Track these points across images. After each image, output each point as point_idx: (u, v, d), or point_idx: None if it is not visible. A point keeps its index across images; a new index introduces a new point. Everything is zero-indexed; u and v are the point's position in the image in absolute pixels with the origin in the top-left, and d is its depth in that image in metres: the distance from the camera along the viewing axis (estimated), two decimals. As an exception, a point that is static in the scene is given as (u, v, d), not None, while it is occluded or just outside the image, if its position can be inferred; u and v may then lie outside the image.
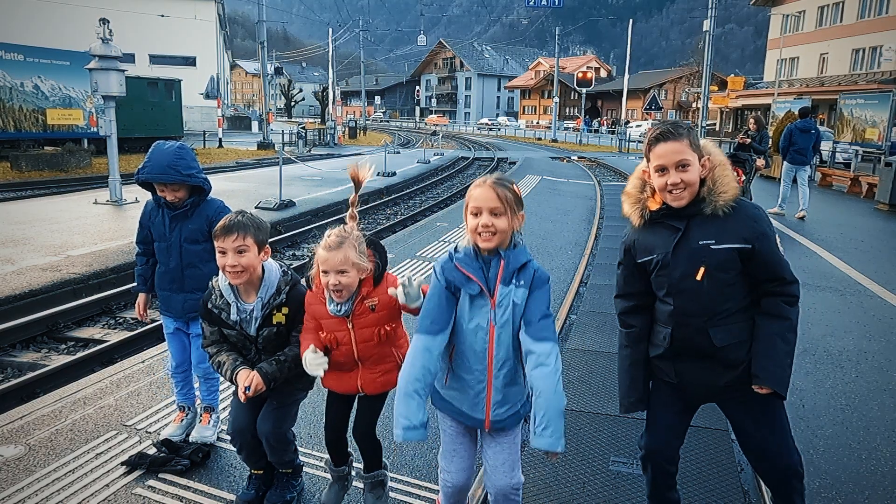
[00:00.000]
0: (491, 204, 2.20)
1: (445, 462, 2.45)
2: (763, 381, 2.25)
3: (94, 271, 7.86)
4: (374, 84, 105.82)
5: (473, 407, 2.31)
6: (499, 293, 2.23)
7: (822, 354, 5.07)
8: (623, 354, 2.53)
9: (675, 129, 2.27)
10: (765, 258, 2.26)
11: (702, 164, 2.28)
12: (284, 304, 2.67)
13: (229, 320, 2.66)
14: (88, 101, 22.78)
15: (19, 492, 2.92)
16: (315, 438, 3.51)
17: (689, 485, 3.14)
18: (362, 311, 2.50)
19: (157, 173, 3.10)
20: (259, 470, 2.91)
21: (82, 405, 3.79)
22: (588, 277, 7.54)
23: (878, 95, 20.07)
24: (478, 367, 2.27)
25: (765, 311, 2.30)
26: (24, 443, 3.35)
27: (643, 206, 2.41)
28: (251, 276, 2.61)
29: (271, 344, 2.69)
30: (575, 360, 4.83)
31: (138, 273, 3.50)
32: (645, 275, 2.43)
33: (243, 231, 2.56)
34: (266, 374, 2.60)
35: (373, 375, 2.60)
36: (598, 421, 3.88)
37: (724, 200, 2.27)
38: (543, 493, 3.11)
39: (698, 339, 2.31)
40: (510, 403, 2.32)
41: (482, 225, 2.20)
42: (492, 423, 2.31)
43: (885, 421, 3.95)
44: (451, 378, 2.34)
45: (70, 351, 6.10)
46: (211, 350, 2.74)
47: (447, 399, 2.37)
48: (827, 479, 3.28)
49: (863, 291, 6.98)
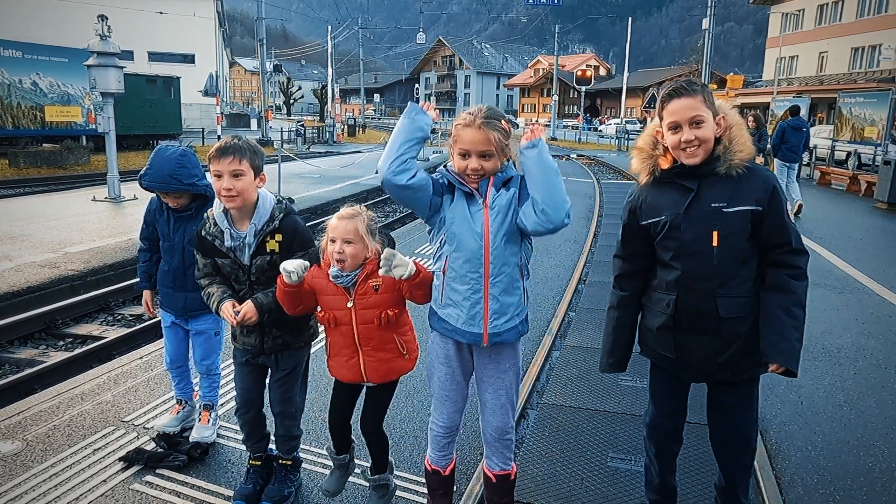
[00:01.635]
0: (481, 147, 2.20)
1: (436, 404, 2.47)
2: (773, 359, 2.22)
3: (93, 268, 7.85)
4: (373, 82, 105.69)
5: (470, 320, 2.28)
6: (491, 195, 2.26)
7: (821, 351, 5.07)
8: (611, 315, 2.52)
9: (688, 86, 2.21)
10: (774, 222, 2.22)
11: (717, 123, 2.22)
12: (278, 231, 2.66)
13: (223, 247, 2.66)
14: (87, 99, 22.74)
15: (16, 487, 2.91)
16: (313, 434, 3.50)
17: (686, 479, 3.14)
18: (365, 291, 2.47)
19: (159, 182, 3.07)
20: (258, 461, 2.91)
21: (80, 401, 3.78)
22: (587, 275, 7.53)
23: (878, 94, 20.06)
24: (473, 276, 2.25)
25: (770, 285, 2.26)
26: (22, 438, 3.34)
27: (654, 164, 2.35)
28: (245, 201, 2.61)
29: (264, 275, 2.67)
30: (574, 357, 4.82)
31: (141, 270, 3.48)
32: (647, 238, 2.38)
33: (239, 154, 2.56)
34: (260, 303, 2.60)
35: (376, 362, 2.54)
36: (597, 417, 3.88)
37: (740, 159, 2.22)
38: (542, 488, 3.10)
39: (704, 307, 2.26)
40: (508, 315, 2.29)
41: (471, 168, 2.23)
42: (490, 335, 2.28)
43: (883, 418, 3.95)
44: (447, 292, 2.31)
45: (68, 348, 6.09)
46: (203, 282, 2.76)
47: (443, 318, 2.35)
48: (825, 475, 3.28)
49: (861, 289, 6.98)
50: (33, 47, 21.52)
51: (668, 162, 2.32)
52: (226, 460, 3.23)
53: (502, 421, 2.39)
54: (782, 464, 3.38)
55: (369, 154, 26.04)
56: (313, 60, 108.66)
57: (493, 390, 2.41)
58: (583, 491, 3.10)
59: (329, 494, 2.84)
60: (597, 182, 18.16)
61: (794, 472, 3.31)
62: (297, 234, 2.70)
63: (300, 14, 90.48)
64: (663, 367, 2.49)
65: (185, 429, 3.44)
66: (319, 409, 3.81)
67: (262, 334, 2.74)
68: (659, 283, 2.39)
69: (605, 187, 16.97)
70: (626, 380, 4.39)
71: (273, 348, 2.77)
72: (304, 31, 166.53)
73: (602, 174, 22.14)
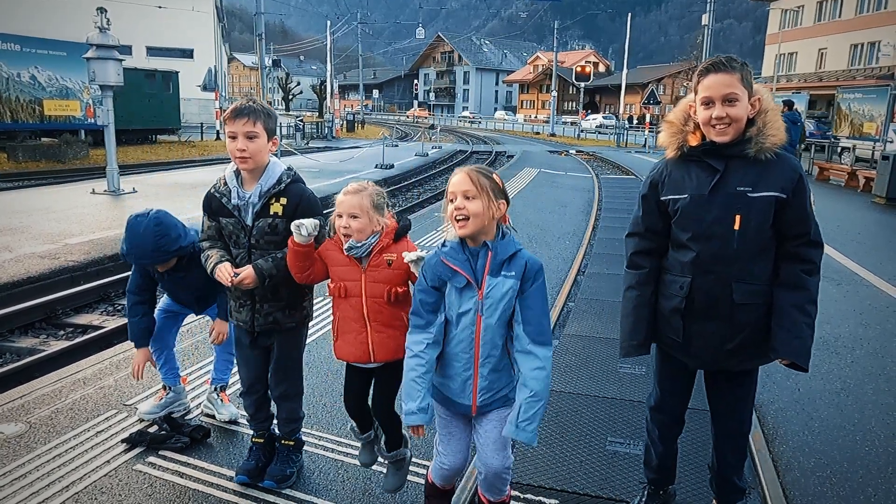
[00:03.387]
0: (464, 187, 2.19)
1: (442, 446, 2.47)
2: (783, 354, 2.23)
3: (92, 259, 7.85)
4: (372, 78, 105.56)
5: (461, 394, 2.33)
6: (486, 284, 2.22)
7: (818, 341, 5.09)
8: (629, 296, 2.45)
9: (728, 62, 2.16)
10: (797, 212, 2.20)
11: (751, 104, 2.18)
12: (283, 195, 2.68)
13: (229, 205, 2.68)
14: (85, 92, 22.68)
15: (20, 467, 2.94)
16: (314, 418, 3.52)
17: (684, 462, 3.17)
18: (378, 263, 2.50)
19: (148, 260, 3.00)
20: (260, 438, 2.94)
21: (82, 385, 3.80)
22: (586, 267, 7.56)
23: (876, 90, 20.10)
24: (464, 356, 2.29)
25: (784, 281, 2.25)
26: (25, 421, 3.36)
27: (683, 139, 2.30)
28: (257, 164, 2.64)
29: (265, 238, 2.68)
30: (573, 346, 4.85)
31: (139, 327, 3.19)
32: (665, 216, 2.35)
33: (254, 116, 2.59)
34: (261, 269, 2.62)
35: (383, 338, 2.54)
36: (596, 403, 3.90)
37: (772, 143, 2.18)
38: (542, 470, 3.13)
39: (718, 291, 2.24)
40: (496, 389, 2.33)
41: (455, 208, 2.19)
42: (478, 407, 2.34)
43: (880, 404, 3.98)
44: (440, 367, 2.36)
45: (68, 337, 6.10)
46: (204, 245, 2.79)
47: (436, 386, 2.40)
48: (822, 458, 3.31)
49: (859, 281, 7.02)
50: (32, 41, 21.44)
51: (696, 139, 2.28)
52: (228, 442, 3.26)
53: (499, 462, 2.38)
54: (780, 447, 3.41)
55: (368, 149, 26.03)
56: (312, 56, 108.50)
57: (488, 432, 2.38)
58: (582, 473, 3.13)
59: (366, 465, 2.92)
60: (595, 177, 18.17)
61: (791, 455, 3.34)
62: (303, 200, 2.71)
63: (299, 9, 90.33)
64: (669, 353, 2.51)
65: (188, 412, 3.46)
66: (321, 394, 3.84)
67: (254, 311, 2.75)
68: (673, 265, 2.35)
69: (603, 182, 16.99)
70: (624, 367, 4.42)
71: (264, 325, 2.77)
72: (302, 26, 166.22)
73: (601, 169, 22.16)
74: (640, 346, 2.43)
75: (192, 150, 26.02)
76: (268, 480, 2.85)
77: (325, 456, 3.16)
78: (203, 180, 14.43)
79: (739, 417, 2.47)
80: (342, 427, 3.43)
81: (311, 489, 2.89)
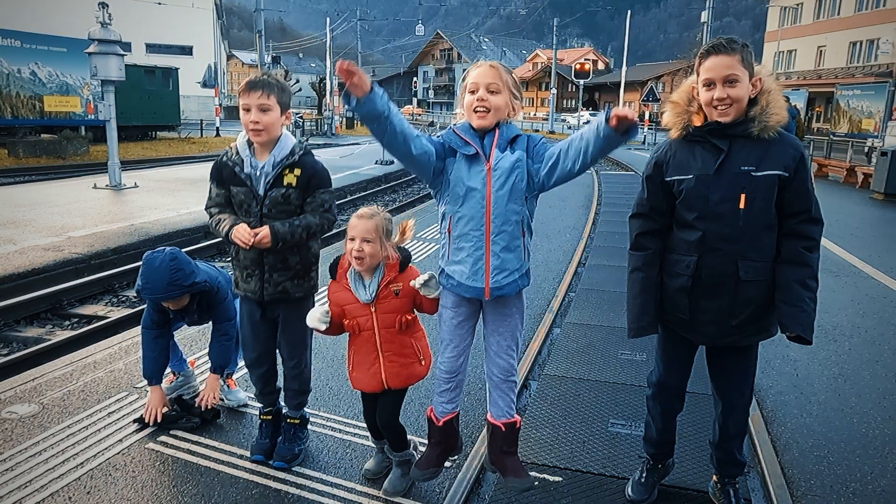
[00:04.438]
0: (488, 79, 2.28)
1: (441, 350, 2.56)
2: (790, 329, 2.29)
3: (96, 252, 7.91)
4: (371, 75, 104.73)
5: (473, 276, 2.38)
6: (494, 157, 2.32)
7: (817, 329, 5.06)
8: (635, 277, 2.48)
9: (728, 43, 2.22)
10: (798, 189, 2.26)
11: (752, 84, 2.24)
12: (297, 166, 2.73)
13: (241, 174, 2.72)
14: (86, 89, 22.72)
15: (35, 445, 3.00)
16: (321, 401, 3.58)
17: (685, 442, 3.23)
18: (386, 295, 2.56)
19: (162, 294, 3.00)
20: (268, 415, 3.00)
21: (92, 369, 3.86)
22: (586, 258, 7.62)
23: (875, 86, 20.19)
24: (475, 234, 2.34)
25: (786, 258, 2.31)
26: (38, 402, 3.42)
27: (687, 120, 2.35)
28: (270, 136, 2.69)
29: (276, 207, 2.72)
30: (574, 333, 4.91)
31: (154, 363, 3.17)
32: (669, 196, 2.40)
33: (268, 89, 2.64)
34: (277, 230, 2.65)
35: (396, 368, 2.62)
36: (598, 387, 3.97)
37: (775, 122, 2.24)
38: (545, 449, 3.19)
39: (724, 269, 2.30)
40: (508, 270, 2.39)
41: (477, 99, 2.28)
42: (491, 289, 2.38)
43: (877, 389, 4.05)
44: (452, 250, 2.42)
45: (74, 327, 6.16)
46: (213, 210, 2.81)
47: (450, 274, 2.46)
48: (819, 439, 3.38)
49: (858, 273, 7.09)
50: (32, 37, 21.48)
51: (700, 120, 2.33)
52: (237, 423, 3.32)
53: (506, 362, 2.48)
54: (778, 429, 3.48)
55: (368, 146, 26.06)
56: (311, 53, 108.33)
57: (497, 333, 2.50)
58: (585, 452, 3.20)
59: (371, 475, 2.88)
60: (595, 173, 18.22)
61: (789, 436, 3.41)
62: (316, 172, 2.77)
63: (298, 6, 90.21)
64: (672, 330, 2.57)
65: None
66: (327, 378, 3.90)
67: (262, 280, 2.80)
68: (678, 245, 2.40)
69: (603, 178, 17.06)
70: (625, 353, 4.48)
71: (273, 295, 2.81)
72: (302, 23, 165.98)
73: (600, 165, 22.19)
74: (648, 327, 2.48)
75: (191, 146, 26.05)
76: (278, 461, 2.91)
77: (333, 436, 3.22)
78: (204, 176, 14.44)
79: (741, 389, 2.54)
80: (349, 409, 3.50)
81: (320, 467, 2.95)
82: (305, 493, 2.74)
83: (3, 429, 3.14)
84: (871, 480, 3.00)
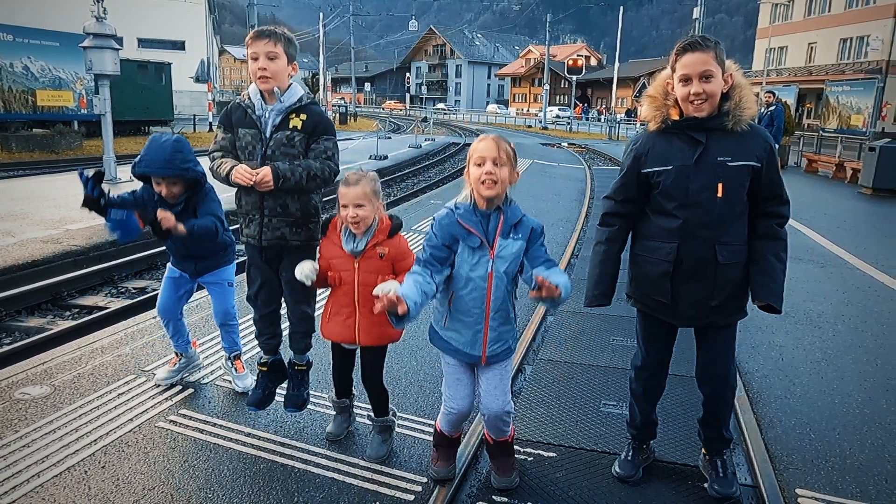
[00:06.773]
0: (493, 153, 2.42)
1: (450, 391, 2.68)
2: (762, 297, 2.47)
3: (94, 244, 7.99)
4: (363, 71, 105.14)
5: (472, 345, 2.56)
6: (498, 245, 2.46)
7: (802, 317, 5.33)
8: (598, 250, 2.70)
9: (703, 41, 2.38)
10: (770, 177, 2.46)
11: (724, 80, 2.40)
12: (303, 111, 2.84)
13: (253, 115, 2.83)
14: (79, 83, 22.65)
15: (48, 424, 3.11)
16: (325, 383, 3.70)
17: (670, 424, 3.37)
18: (371, 255, 2.72)
19: (156, 167, 3.08)
20: (264, 366, 3.12)
21: (101, 353, 3.97)
22: (579, 251, 7.77)
23: (864, 82, 20.41)
24: (476, 311, 2.51)
25: (760, 233, 2.51)
26: (49, 384, 3.52)
27: (665, 113, 2.50)
28: (279, 84, 2.79)
29: (280, 150, 2.81)
30: (567, 321, 5.05)
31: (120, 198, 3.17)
32: (643, 186, 2.57)
33: (275, 38, 2.76)
34: (278, 168, 2.74)
35: (369, 323, 2.75)
36: (590, 371, 4.11)
37: (748, 116, 2.42)
38: (540, 429, 3.33)
39: (703, 254, 2.47)
40: (503, 340, 2.58)
41: (486, 172, 2.40)
42: (488, 357, 2.57)
43: (859, 372, 4.21)
44: (451, 320, 2.57)
45: (74, 318, 6.25)
46: (215, 154, 2.90)
47: (446, 339, 2.61)
48: (802, 418, 3.53)
49: (843, 264, 7.26)
50: (24, 31, 21.37)
51: (677, 113, 2.48)
52: (243, 402, 3.42)
53: (500, 405, 2.62)
54: (762, 409, 3.63)
55: (362, 141, 26.12)
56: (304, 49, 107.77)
57: (490, 380, 2.62)
58: (578, 431, 3.34)
59: (332, 437, 3.10)
60: (588, 168, 18.40)
61: (773, 415, 3.56)
62: (322, 120, 2.88)
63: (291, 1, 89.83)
64: (652, 315, 2.71)
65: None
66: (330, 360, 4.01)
67: (262, 224, 2.89)
68: (658, 233, 2.55)
69: (595, 173, 17.21)
70: (617, 339, 4.63)
71: (271, 240, 2.90)
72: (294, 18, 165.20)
73: (593, 161, 22.38)
74: (602, 296, 2.67)
75: (185, 141, 25.99)
76: (290, 407, 3.08)
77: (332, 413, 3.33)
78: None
79: (724, 363, 2.68)
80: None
81: (324, 443, 3.07)
82: (311, 468, 2.86)
83: (18, 409, 3.25)
84: (850, 455, 3.16)
